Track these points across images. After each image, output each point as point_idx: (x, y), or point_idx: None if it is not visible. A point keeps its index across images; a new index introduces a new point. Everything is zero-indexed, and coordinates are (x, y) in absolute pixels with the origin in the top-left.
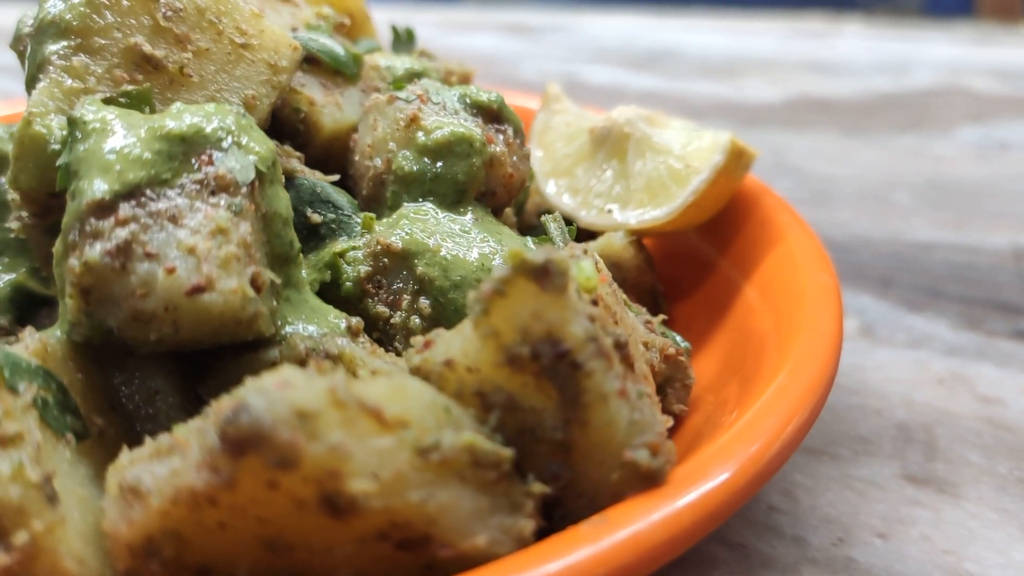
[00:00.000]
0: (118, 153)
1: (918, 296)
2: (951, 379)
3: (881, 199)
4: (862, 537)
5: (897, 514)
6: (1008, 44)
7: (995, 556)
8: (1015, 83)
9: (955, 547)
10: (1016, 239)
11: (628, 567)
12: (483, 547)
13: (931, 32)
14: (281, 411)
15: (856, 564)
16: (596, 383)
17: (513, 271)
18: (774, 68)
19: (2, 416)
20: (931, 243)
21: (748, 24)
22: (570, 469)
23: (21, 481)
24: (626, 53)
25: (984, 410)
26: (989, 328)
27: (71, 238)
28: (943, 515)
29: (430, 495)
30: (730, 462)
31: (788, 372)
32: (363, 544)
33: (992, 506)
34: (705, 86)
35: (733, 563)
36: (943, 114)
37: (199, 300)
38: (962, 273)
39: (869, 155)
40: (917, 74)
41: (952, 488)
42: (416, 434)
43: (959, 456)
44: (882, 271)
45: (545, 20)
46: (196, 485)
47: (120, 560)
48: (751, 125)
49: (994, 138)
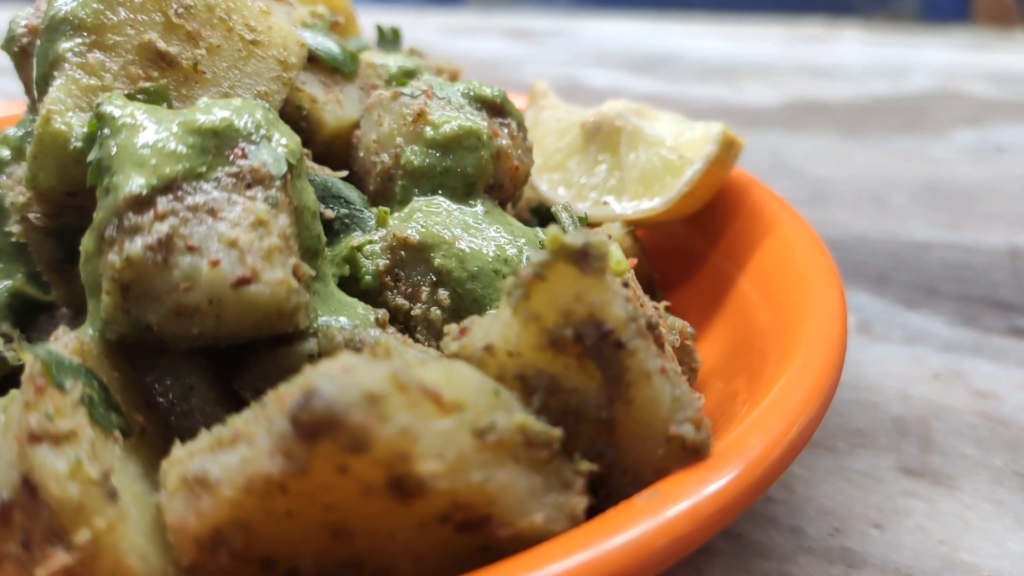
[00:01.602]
0: (152, 148)
1: (914, 294)
2: (947, 374)
3: (878, 200)
4: (858, 527)
5: (893, 505)
6: (1004, 49)
7: (990, 546)
8: (1011, 87)
9: (950, 537)
10: (1011, 239)
11: (686, 537)
12: (541, 525)
13: (928, 37)
14: (351, 395)
15: (852, 554)
16: (639, 362)
17: (553, 255)
18: (773, 72)
19: (54, 414)
20: (927, 242)
21: (747, 29)
22: (614, 447)
23: (80, 478)
24: (627, 57)
25: (979, 404)
26: (985, 325)
27: (108, 233)
28: (938, 506)
29: (489, 475)
30: (767, 434)
31: (805, 349)
32: (424, 528)
33: (987, 498)
34: (705, 89)
35: (731, 552)
36: (940, 118)
37: (245, 292)
38: (958, 272)
39: (867, 157)
40: (914, 78)
41: (947, 480)
42: (472, 416)
43: (954, 449)
44: (879, 270)
45: (547, 24)
46: (270, 471)
47: (185, 554)
48: (750, 127)
49: (990, 141)
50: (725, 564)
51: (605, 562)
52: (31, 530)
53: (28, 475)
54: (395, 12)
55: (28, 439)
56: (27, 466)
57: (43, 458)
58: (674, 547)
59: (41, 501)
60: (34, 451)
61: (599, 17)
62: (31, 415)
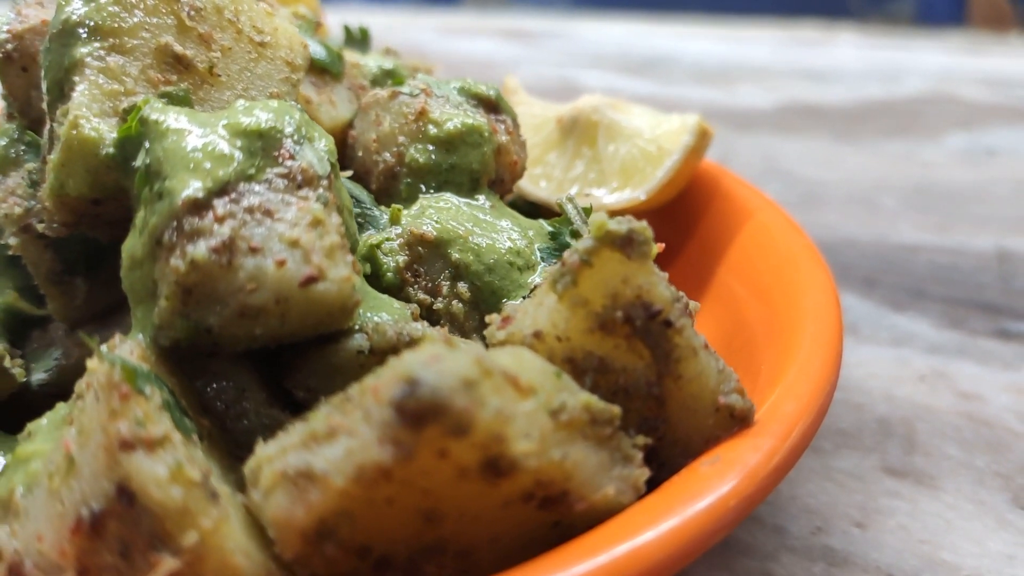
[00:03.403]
0: (203, 151)
1: (902, 296)
2: (932, 376)
3: (868, 202)
4: (840, 526)
5: (875, 504)
6: (998, 53)
7: (971, 546)
8: (1004, 91)
9: (932, 536)
10: (1000, 242)
11: (751, 496)
12: (612, 497)
13: (922, 41)
14: (451, 382)
15: (833, 552)
16: (687, 339)
17: (598, 242)
18: (768, 75)
19: (144, 420)
20: (916, 245)
21: (742, 32)
22: (665, 421)
23: (182, 481)
24: (622, 59)
25: (963, 406)
26: (971, 327)
27: (167, 238)
28: (920, 506)
29: (566, 453)
30: (798, 401)
31: (812, 322)
32: (507, 507)
33: (969, 498)
34: (699, 91)
35: (713, 550)
36: (932, 121)
37: (313, 290)
38: (945, 274)
39: (858, 160)
40: (908, 82)
41: (930, 480)
42: (545, 398)
43: (938, 450)
44: (867, 271)
45: (543, 26)
46: (380, 460)
47: (289, 548)
48: (744, 130)
49: (982, 144)
50: (708, 562)
51: (691, 526)
52: (130, 538)
53: (124, 483)
54: (391, 12)
55: (120, 447)
56: (122, 474)
57: (139, 465)
58: (743, 507)
59: (141, 508)
60: (129, 459)
61: (595, 19)
62: (120, 423)
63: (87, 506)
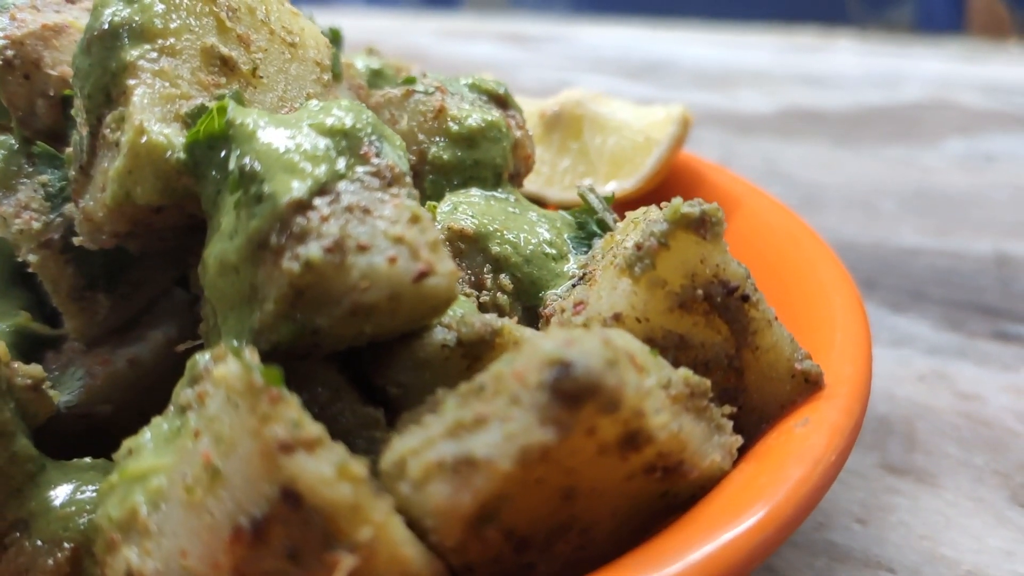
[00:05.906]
0: (297, 152)
1: (902, 298)
2: (932, 376)
3: (868, 206)
4: (842, 522)
5: (876, 501)
6: (997, 61)
7: (970, 542)
8: (1002, 98)
9: (932, 532)
10: (999, 246)
11: (843, 452)
12: (719, 464)
13: (922, 48)
14: (599, 362)
15: (835, 547)
16: (762, 312)
17: (672, 225)
18: (767, 80)
19: (299, 421)
20: (916, 248)
21: (742, 37)
22: (744, 390)
23: (350, 478)
24: (622, 63)
25: (963, 406)
26: (970, 329)
27: (274, 241)
28: (921, 503)
29: (680, 425)
30: (854, 364)
31: (835, 293)
32: (629, 480)
33: (968, 495)
34: (699, 96)
35: None
36: (931, 127)
37: (425, 285)
38: (945, 277)
39: (858, 164)
40: (907, 88)
41: (930, 478)
42: (656, 374)
43: (938, 448)
44: (867, 274)
45: (542, 30)
46: (544, 440)
47: (450, 536)
48: (743, 134)
49: (980, 150)
50: None
51: (805, 481)
52: (300, 541)
53: (289, 486)
54: (391, 15)
55: (280, 450)
56: (286, 477)
57: (304, 465)
58: (839, 462)
59: (310, 509)
60: (291, 461)
61: (595, 23)
62: (275, 426)
63: (246, 514)
